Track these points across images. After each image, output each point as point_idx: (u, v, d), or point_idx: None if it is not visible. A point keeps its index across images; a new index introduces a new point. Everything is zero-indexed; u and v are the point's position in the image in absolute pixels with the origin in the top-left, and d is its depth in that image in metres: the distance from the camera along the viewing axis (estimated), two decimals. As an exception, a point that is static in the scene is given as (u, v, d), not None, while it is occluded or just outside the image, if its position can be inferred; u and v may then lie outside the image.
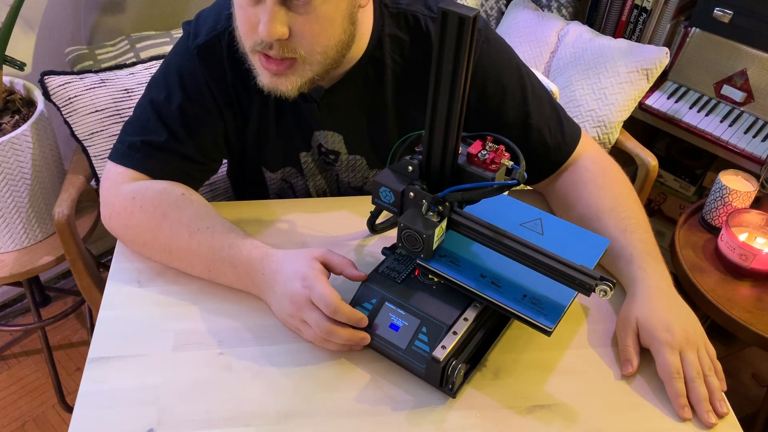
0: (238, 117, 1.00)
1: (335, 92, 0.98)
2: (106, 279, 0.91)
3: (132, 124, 0.99)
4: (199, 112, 0.97)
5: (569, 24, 1.82)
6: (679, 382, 0.79)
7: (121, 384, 0.78)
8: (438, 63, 0.70)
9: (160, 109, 0.96)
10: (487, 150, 0.77)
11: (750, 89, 1.70)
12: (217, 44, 0.95)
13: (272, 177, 1.09)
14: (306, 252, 0.84)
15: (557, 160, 1.03)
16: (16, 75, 1.53)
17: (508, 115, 1.00)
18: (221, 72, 0.96)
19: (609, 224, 0.93)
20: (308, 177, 1.09)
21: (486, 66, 0.98)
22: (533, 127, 1.00)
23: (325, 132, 1.03)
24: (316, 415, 0.76)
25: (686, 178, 2.00)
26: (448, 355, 0.75)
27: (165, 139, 0.95)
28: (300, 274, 0.81)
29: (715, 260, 1.41)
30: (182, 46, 0.97)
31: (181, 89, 0.95)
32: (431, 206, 0.77)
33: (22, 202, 1.44)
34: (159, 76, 0.98)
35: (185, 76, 0.96)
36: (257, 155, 1.06)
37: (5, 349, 1.85)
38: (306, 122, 1.02)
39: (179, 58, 0.97)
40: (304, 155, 1.06)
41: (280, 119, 1.01)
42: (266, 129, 1.02)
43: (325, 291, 0.78)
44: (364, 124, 1.03)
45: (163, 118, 0.96)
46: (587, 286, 0.72)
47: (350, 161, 1.07)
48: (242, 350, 0.82)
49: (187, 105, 0.96)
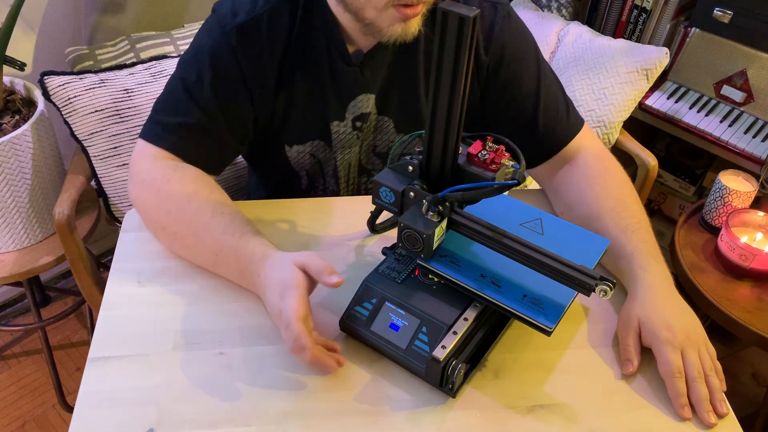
0: (270, 97, 1.03)
1: (374, 55, 1.01)
2: (106, 279, 0.91)
3: (163, 104, 1.01)
4: (230, 93, 0.99)
5: (569, 24, 1.82)
6: (680, 382, 0.79)
7: (121, 384, 0.78)
8: (438, 63, 0.70)
9: (192, 89, 0.98)
10: (487, 150, 0.77)
11: (750, 89, 1.70)
12: (257, 24, 0.97)
13: (300, 151, 1.10)
14: (288, 258, 0.82)
15: (561, 140, 1.04)
16: (16, 75, 1.53)
17: (522, 87, 1.03)
18: (259, 51, 0.98)
19: (610, 223, 0.93)
20: (337, 149, 1.10)
21: (506, 37, 1.02)
22: (542, 103, 1.03)
23: (361, 96, 1.05)
24: (316, 415, 0.76)
25: (686, 178, 2.00)
26: (448, 355, 0.75)
27: (198, 120, 0.98)
28: (280, 283, 0.79)
29: (715, 260, 1.41)
30: (216, 26, 0.98)
31: (213, 69, 0.97)
32: (431, 206, 0.76)
33: (22, 202, 1.44)
34: (190, 57, 1.00)
35: (218, 57, 0.97)
36: (281, 132, 1.08)
37: (5, 349, 1.85)
38: (347, 88, 1.04)
39: (212, 39, 0.98)
40: (336, 124, 1.07)
41: (317, 89, 1.04)
42: (299, 102, 1.04)
43: (287, 304, 0.76)
44: (396, 84, 1.06)
45: (195, 99, 0.98)
46: (587, 286, 0.72)
47: (378, 122, 1.09)
48: (242, 350, 0.82)
49: (219, 85, 0.98)
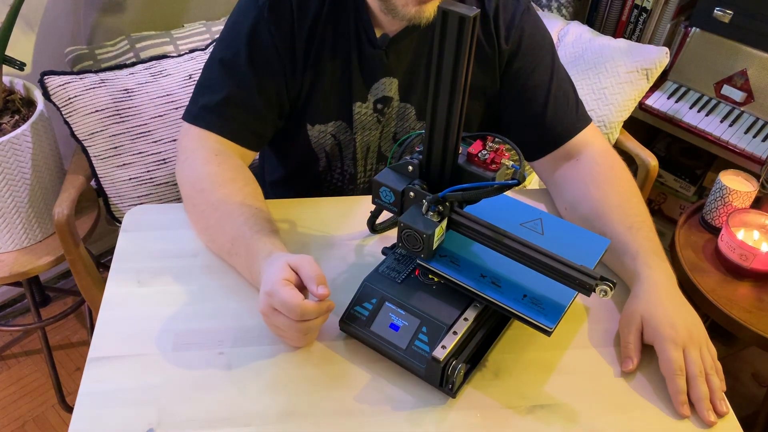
0: (299, 72, 1.04)
1: (400, 39, 1.02)
2: (106, 279, 0.91)
3: (203, 86, 1.03)
4: (265, 66, 1.01)
5: (569, 24, 1.82)
6: (681, 379, 0.79)
7: (121, 384, 0.78)
8: (438, 63, 0.70)
9: (230, 65, 1.01)
10: (488, 150, 0.77)
11: (750, 89, 1.70)
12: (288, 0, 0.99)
13: (322, 131, 1.11)
14: (283, 258, 0.81)
15: (566, 133, 1.05)
16: (16, 75, 1.53)
17: (535, 77, 1.05)
18: (289, 26, 1.00)
19: (615, 220, 0.93)
20: (357, 131, 1.11)
21: (524, 27, 1.05)
22: (553, 95, 1.04)
23: (384, 80, 1.06)
24: (316, 415, 0.76)
25: (686, 178, 2.00)
26: (448, 355, 0.75)
27: (236, 93, 1.00)
28: (269, 281, 0.79)
29: (715, 260, 1.41)
30: (250, 3, 1.00)
31: (248, 43, 1.00)
32: (431, 206, 0.76)
33: (22, 202, 1.44)
34: (225, 35, 1.03)
35: (253, 33, 1.00)
36: (306, 110, 1.09)
37: (5, 349, 1.85)
38: (371, 70, 1.05)
39: (247, 15, 1.00)
40: (358, 105, 1.08)
41: (342, 69, 1.05)
42: (325, 80, 1.05)
43: (286, 297, 0.76)
44: (421, 71, 1.06)
45: (233, 74, 1.00)
46: (587, 286, 0.72)
47: (401, 109, 1.10)
48: (242, 350, 0.82)
49: (255, 58, 1.00)
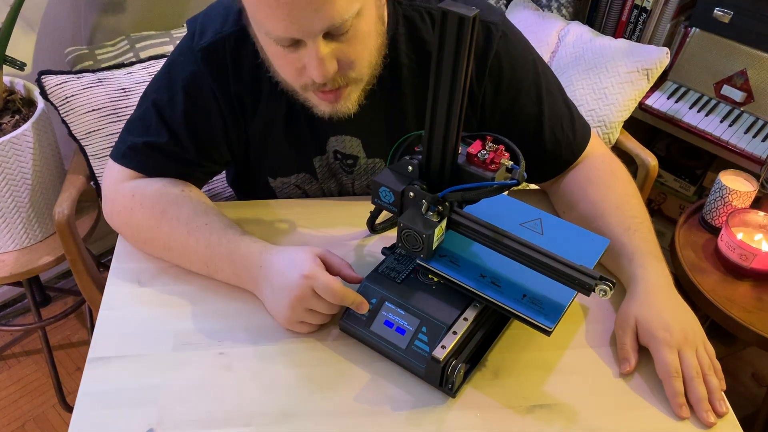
0: (241, 123, 0.99)
1: None
2: (106, 279, 0.91)
3: (134, 124, 0.98)
4: (201, 116, 0.96)
5: (569, 24, 1.82)
6: (677, 381, 0.79)
7: (121, 384, 0.78)
8: (438, 63, 0.70)
9: (163, 110, 0.95)
10: (487, 150, 0.77)
11: (750, 89, 1.70)
12: (221, 48, 0.93)
13: (285, 182, 1.07)
14: (306, 248, 0.85)
15: (567, 159, 1.03)
16: (16, 75, 1.53)
17: (523, 112, 1.00)
18: (225, 77, 0.95)
19: (613, 222, 0.93)
20: (322, 181, 1.08)
21: (502, 61, 0.97)
22: (546, 125, 1.00)
23: (342, 137, 1.01)
24: (316, 415, 0.76)
25: (686, 178, 2.00)
26: (448, 355, 0.75)
27: (166, 141, 0.95)
28: (300, 266, 0.81)
29: (715, 260, 1.41)
30: (186, 46, 0.96)
31: (184, 92, 0.95)
32: (431, 206, 0.76)
33: (22, 202, 1.44)
34: (162, 76, 0.97)
35: (189, 79, 0.95)
36: (262, 163, 1.05)
37: (5, 349, 1.85)
38: (321, 127, 1.00)
39: (183, 59, 0.96)
40: (318, 159, 1.04)
41: (291, 124, 1.00)
42: (275, 135, 1.01)
43: (328, 281, 0.80)
44: (382, 126, 1.01)
45: (165, 120, 0.95)
46: (587, 286, 0.72)
47: (369, 165, 1.05)
48: (242, 350, 0.82)
49: (190, 108, 0.95)
